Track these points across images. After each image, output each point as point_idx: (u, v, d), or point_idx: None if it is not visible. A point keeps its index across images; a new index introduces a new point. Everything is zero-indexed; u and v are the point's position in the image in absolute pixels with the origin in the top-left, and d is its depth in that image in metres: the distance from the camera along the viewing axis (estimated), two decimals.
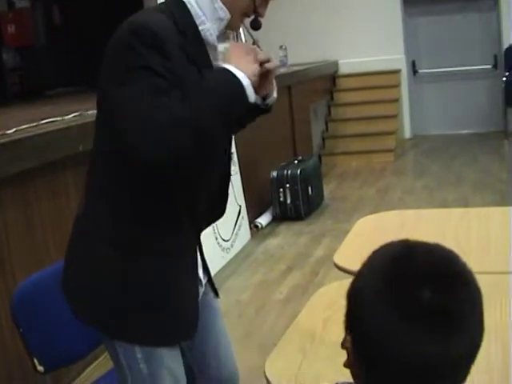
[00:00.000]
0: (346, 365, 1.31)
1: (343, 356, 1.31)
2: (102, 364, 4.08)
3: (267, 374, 2.16)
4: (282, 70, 8.73)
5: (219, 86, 1.93)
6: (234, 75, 1.93)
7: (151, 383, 2.18)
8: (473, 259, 1.27)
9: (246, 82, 1.94)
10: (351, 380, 1.28)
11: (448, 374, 1.19)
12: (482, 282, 1.25)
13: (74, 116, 4.50)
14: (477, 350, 1.22)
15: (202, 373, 2.46)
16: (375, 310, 1.19)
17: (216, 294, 2.49)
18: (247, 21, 2.19)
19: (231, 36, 2.26)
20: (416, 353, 1.16)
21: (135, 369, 2.16)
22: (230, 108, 1.93)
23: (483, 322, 1.23)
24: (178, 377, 2.25)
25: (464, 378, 1.23)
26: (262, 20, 2.19)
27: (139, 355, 2.14)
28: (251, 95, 1.96)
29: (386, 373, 1.20)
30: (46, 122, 4.22)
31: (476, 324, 1.22)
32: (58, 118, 4.40)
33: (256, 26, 2.20)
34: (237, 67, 1.95)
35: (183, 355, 2.31)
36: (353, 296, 1.27)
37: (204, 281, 2.38)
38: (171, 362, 2.21)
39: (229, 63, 1.98)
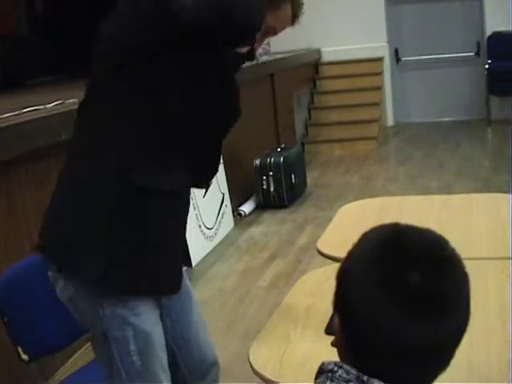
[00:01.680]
0: (334, 344, 1.32)
1: (327, 342, 1.32)
2: (86, 353, 4.08)
3: (251, 360, 2.17)
4: (265, 58, 8.71)
5: None
6: None
7: (146, 376, 2.17)
8: (455, 245, 1.27)
9: None
10: (338, 359, 1.28)
11: (433, 357, 1.21)
12: None
13: (56, 104, 4.48)
14: (462, 334, 1.23)
15: (185, 361, 2.46)
16: (363, 291, 1.20)
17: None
18: None
19: None
20: (402, 335, 1.17)
21: (128, 361, 2.14)
22: None
23: (469, 307, 1.24)
24: (166, 365, 2.25)
25: (448, 361, 1.24)
26: None
27: (132, 347, 2.12)
28: None
29: (372, 353, 1.21)
30: (28, 111, 4.20)
31: (462, 309, 1.23)
32: (40, 107, 4.38)
33: (251, 58, 2.22)
34: None
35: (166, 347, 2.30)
36: (342, 277, 1.27)
37: None
38: (160, 352, 2.21)
39: None
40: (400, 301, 1.17)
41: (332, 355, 1.32)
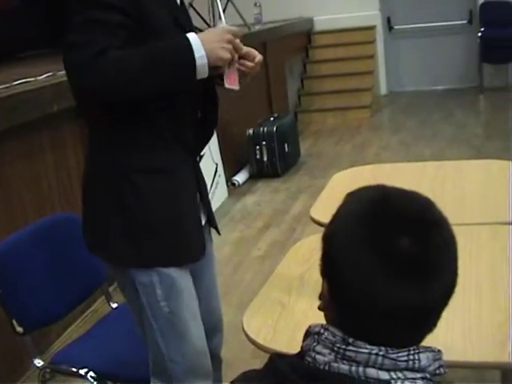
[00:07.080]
0: (321, 308, 1.32)
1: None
2: (81, 325, 4.10)
3: (245, 327, 2.18)
4: (257, 28, 8.68)
5: (172, 56, 2.00)
6: (191, 51, 1.98)
7: (175, 323, 2.23)
8: (448, 211, 1.26)
9: (201, 61, 1.99)
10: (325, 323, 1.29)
11: (420, 319, 1.20)
12: (457, 233, 1.24)
13: (47, 76, 4.45)
14: (450, 296, 1.22)
15: None
16: (350, 254, 1.19)
17: (216, 230, 2.54)
18: None
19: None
20: (390, 298, 1.16)
21: (156, 307, 2.21)
22: (172, 80, 2.03)
23: (457, 269, 1.23)
24: (197, 314, 2.30)
25: (435, 322, 1.23)
26: None
27: (159, 291, 2.19)
28: (202, 73, 2.02)
29: (359, 316, 1.20)
30: (19, 83, 4.18)
31: (450, 270, 1.22)
32: (31, 79, 4.35)
33: None
34: (203, 44, 2.00)
35: None
36: (328, 239, 1.26)
37: (203, 221, 2.40)
38: (188, 299, 2.26)
39: (202, 38, 2.01)
40: (388, 264, 1.16)
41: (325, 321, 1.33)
